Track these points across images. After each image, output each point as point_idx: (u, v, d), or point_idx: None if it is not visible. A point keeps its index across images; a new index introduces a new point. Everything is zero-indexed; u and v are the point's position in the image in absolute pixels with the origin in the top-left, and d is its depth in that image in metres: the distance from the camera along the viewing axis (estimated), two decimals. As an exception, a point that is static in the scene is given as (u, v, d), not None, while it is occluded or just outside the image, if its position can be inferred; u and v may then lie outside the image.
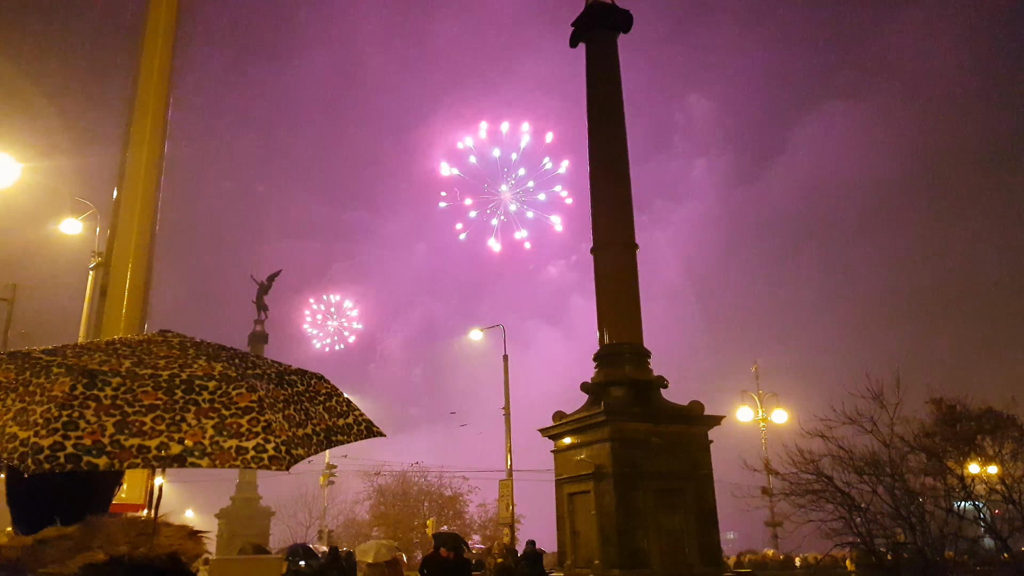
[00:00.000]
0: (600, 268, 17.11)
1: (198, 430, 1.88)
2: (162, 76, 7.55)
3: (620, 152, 17.94)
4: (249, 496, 46.61)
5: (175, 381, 1.99)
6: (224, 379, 2.04)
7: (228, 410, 1.96)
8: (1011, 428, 14.34)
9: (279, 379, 2.26)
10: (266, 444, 1.92)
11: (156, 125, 7.53)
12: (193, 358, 2.16)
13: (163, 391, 1.95)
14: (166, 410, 1.90)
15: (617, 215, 17.32)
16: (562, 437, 15.93)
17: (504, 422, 30.55)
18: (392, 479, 46.22)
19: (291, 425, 2.09)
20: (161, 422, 1.86)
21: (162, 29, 7.67)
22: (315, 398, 2.33)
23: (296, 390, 2.28)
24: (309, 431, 2.18)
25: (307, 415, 2.23)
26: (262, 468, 1.94)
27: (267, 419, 1.97)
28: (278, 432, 1.97)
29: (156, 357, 2.12)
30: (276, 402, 2.11)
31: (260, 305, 49.41)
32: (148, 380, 1.97)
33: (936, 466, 13.78)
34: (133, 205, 7.49)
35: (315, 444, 2.17)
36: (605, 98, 18.32)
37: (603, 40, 18.62)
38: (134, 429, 1.82)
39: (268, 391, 2.12)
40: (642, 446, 14.41)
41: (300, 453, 2.02)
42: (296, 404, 2.22)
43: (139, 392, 1.92)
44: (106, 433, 1.79)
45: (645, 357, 16.16)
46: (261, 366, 2.31)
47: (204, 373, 2.05)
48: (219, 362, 2.16)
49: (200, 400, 1.96)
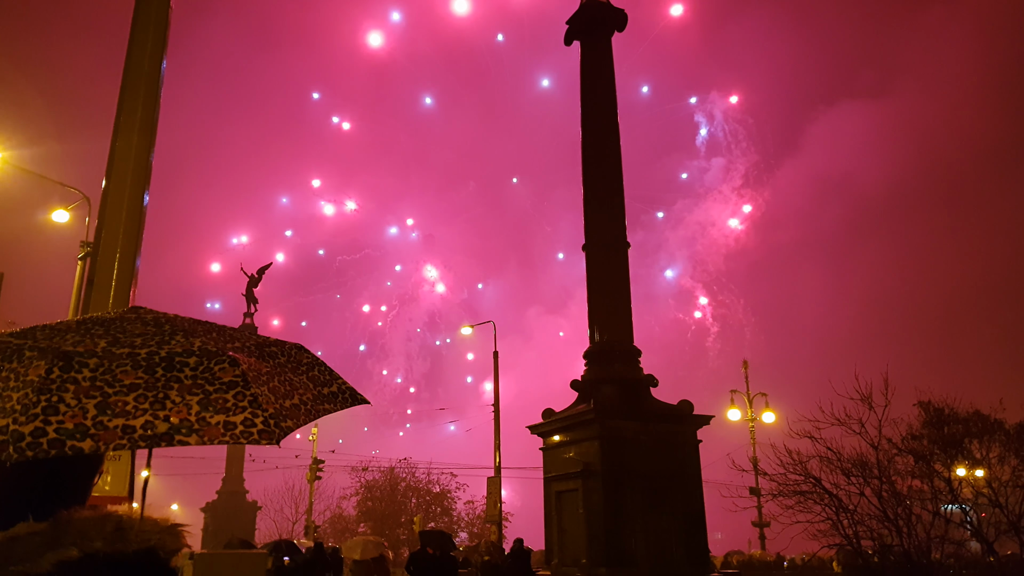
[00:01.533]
0: (592, 266, 17.09)
1: (183, 407, 1.82)
2: (153, 63, 7.46)
3: (613, 150, 17.92)
4: (235, 490, 46.42)
5: (154, 359, 1.93)
6: (205, 354, 1.99)
7: (212, 386, 1.90)
8: (998, 432, 14.41)
9: (259, 351, 2.21)
10: (254, 418, 1.87)
11: (146, 113, 7.43)
12: (170, 334, 2.10)
13: (143, 369, 1.89)
14: (148, 388, 1.84)
15: (609, 213, 17.30)
16: (551, 435, 15.91)
17: (494, 418, 30.55)
18: (379, 475, 46.20)
19: (277, 397, 2.05)
20: (144, 401, 1.80)
21: (154, 15, 7.57)
22: (298, 368, 2.28)
23: (278, 361, 2.23)
24: (296, 401, 2.13)
25: (292, 385, 2.18)
26: (252, 443, 1.87)
27: (253, 392, 1.92)
28: (265, 405, 1.92)
29: (132, 335, 2.06)
30: (260, 375, 2.06)
31: (250, 298, 49.15)
32: (126, 359, 1.91)
33: (923, 469, 13.83)
34: (121, 195, 7.39)
35: (303, 414, 2.13)
36: (599, 96, 18.31)
37: (598, 39, 18.60)
38: (117, 409, 1.77)
39: (250, 364, 2.07)
40: (631, 445, 14.40)
41: (289, 425, 1.97)
42: (280, 376, 2.17)
43: (118, 372, 1.86)
44: (88, 415, 1.73)
45: (635, 356, 16.16)
46: (240, 339, 2.25)
47: (183, 349, 1.99)
48: (197, 337, 2.10)
49: (182, 377, 1.90)
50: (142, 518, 1.86)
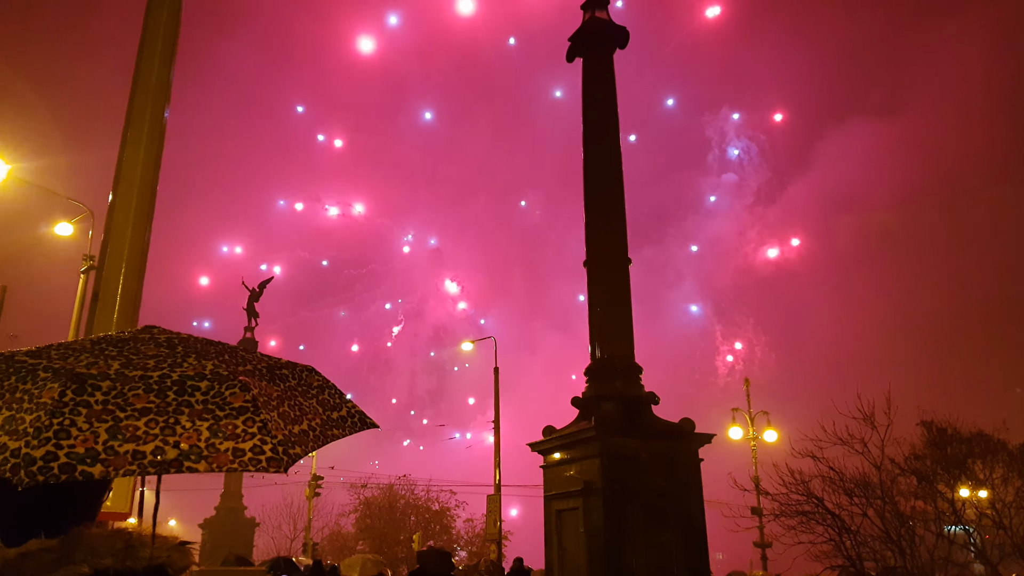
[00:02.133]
0: (593, 282, 17.09)
1: (193, 433, 1.83)
2: (161, 75, 7.50)
3: (614, 164, 17.98)
4: (234, 506, 46.14)
5: (166, 382, 1.94)
6: (216, 378, 2.00)
7: (222, 411, 1.91)
8: (1001, 452, 14.36)
9: (271, 374, 2.22)
10: (263, 445, 1.88)
11: (154, 125, 7.46)
12: (183, 356, 2.11)
13: (155, 393, 1.90)
14: (159, 413, 1.85)
15: (611, 228, 17.34)
16: (551, 452, 15.84)
17: (494, 435, 30.43)
18: (379, 492, 45.99)
19: (286, 423, 2.05)
20: (155, 426, 1.81)
21: (163, 28, 7.62)
22: (308, 392, 2.29)
23: (288, 384, 2.24)
24: (305, 427, 2.13)
25: (301, 410, 2.18)
26: (260, 470, 1.87)
27: (263, 419, 1.93)
28: (274, 432, 1.93)
29: (145, 357, 2.07)
30: (270, 400, 2.06)
31: (251, 312, 49.11)
32: (139, 382, 1.92)
33: (927, 489, 13.77)
34: (128, 208, 7.41)
35: (312, 440, 2.13)
36: (600, 112, 18.41)
37: (599, 55, 18.73)
38: (127, 434, 1.77)
39: (261, 389, 2.07)
40: (632, 463, 14.32)
41: (297, 452, 1.98)
42: (290, 400, 2.17)
43: (130, 395, 1.87)
44: (99, 440, 1.74)
45: (637, 372, 16.11)
46: (252, 361, 2.26)
47: (195, 372, 2.01)
48: (209, 359, 2.11)
49: (193, 401, 1.91)
50: (153, 535, 1.86)
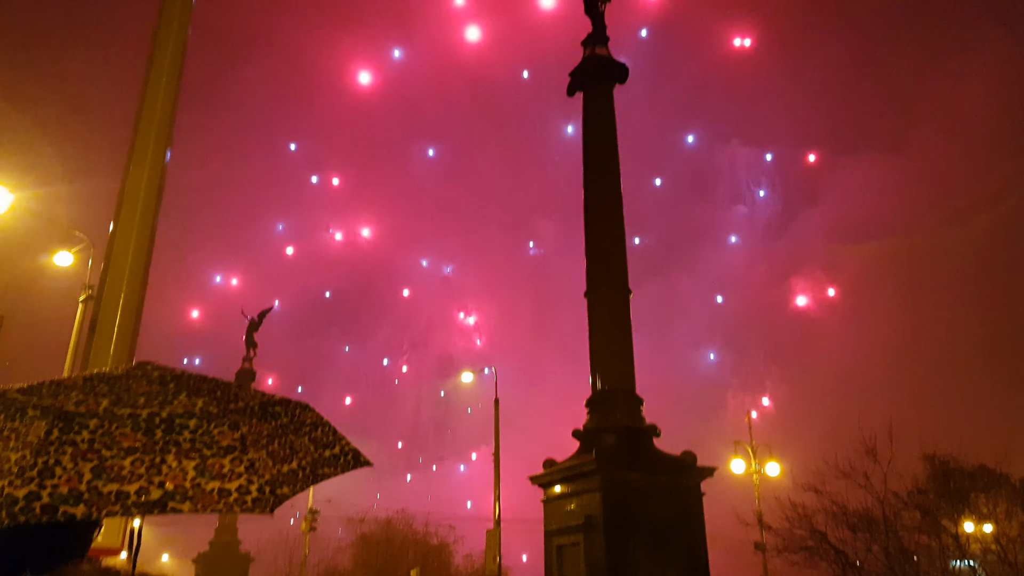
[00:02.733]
0: (593, 312, 17.09)
1: (179, 472, 1.81)
2: (165, 107, 7.56)
3: (614, 197, 18.12)
4: (228, 540, 45.51)
5: (155, 420, 1.93)
6: (205, 416, 1.98)
7: (210, 450, 1.89)
8: (1004, 486, 14.21)
9: (262, 411, 2.19)
10: (249, 485, 1.86)
11: (156, 157, 7.51)
12: (174, 393, 2.10)
13: (142, 432, 1.89)
14: (145, 452, 1.83)
15: (610, 259, 17.39)
16: (552, 485, 15.68)
17: (494, 468, 30.13)
18: (376, 526, 45.37)
19: (275, 462, 2.03)
20: (140, 465, 1.80)
21: (168, 63, 7.70)
22: (300, 429, 2.26)
23: (280, 422, 2.22)
24: (295, 466, 2.11)
25: (292, 449, 2.16)
26: (245, 511, 1.87)
27: (250, 458, 1.91)
28: (262, 471, 1.91)
29: (135, 394, 2.06)
30: (260, 438, 2.04)
31: (250, 342, 48.94)
32: (127, 420, 1.91)
33: (930, 524, 13.59)
34: (128, 238, 7.42)
35: (301, 480, 2.11)
36: (600, 145, 18.59)
37: (599, 91, 18.99)
38: (112, 474, 1.76)
39: (251, 427, 2.05)
40: (634, 496, 14.18)
41: (285, 492, 1.96)
42: (281, 438, 2.15)
43: (117, 434, 1.86)
44: (83, 479, 1.73)
45: (637, 404, 16.03)
46: (244, 398, 2.24)
47: (185, 410, 1.99)
48: (200, 397, 2.10)
49: (181, 440, 1.90)
50: (140, 574, 1.83)
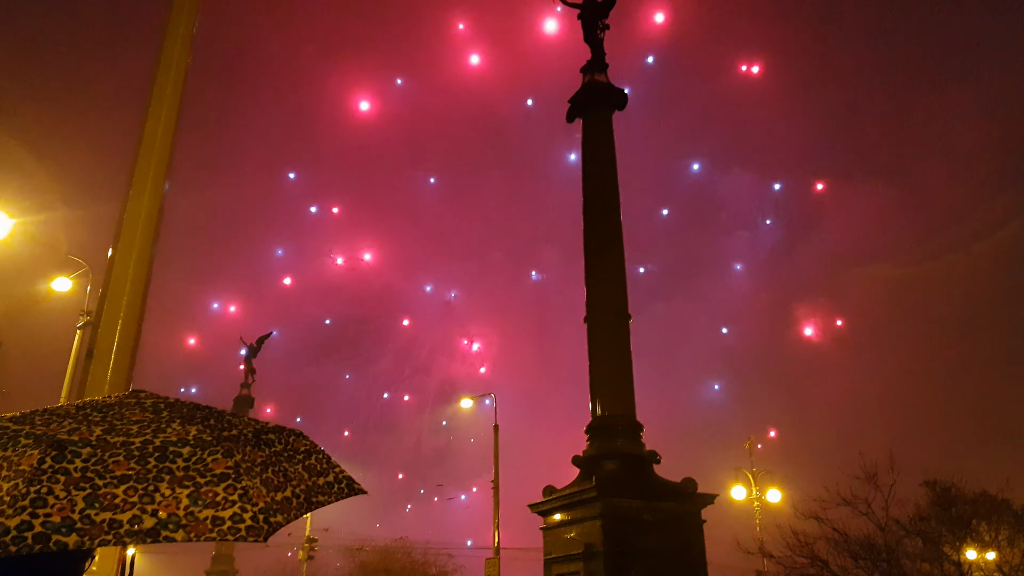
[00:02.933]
0: (593, 338, 17.07)
1: (172, 500, 1.81)
2: (165, 134, 7.62)
3: (613, 223, 18.19)
4: (225, 569, 44.96)
5: (148, 448, 1.93)
6: (199, 444, 1.99)
7: (203, 478, 1.90)
8: (1006, 513, 14.10)
9: (256, 439, 2.20)
10: (243, 513, 1.86)
11: (157, 181, 7.55)
12: (167, 421, 2.11)
13: (135, 460, 1.89)
14: (139, 480, 1.83)
15: (610, 285, 17.41)
16: (552, 513, 15.55)
17: (493, 495, 29.89)
18: (375, 555, 44.89)
19: (269, 490, 2.03)
20: (134, 493, 1.80)
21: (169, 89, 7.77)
22: (294, 457, 2.27)
23: (274, 450, 2.22)
24: (288, 494, 2.11)
25: (286, 476, 2.16)
26: (239, 539, 1.85)
27: (244, 486, 1.92)
28: (256, 499, 1.91)
29: (128, 422, 2.06)
30: (253, 466, 2.05)
31: (248, 368, 48.81)
32: (120, 449, 1.91)
33: (932, 552, 13.46)
34: (127, 263, 7.45)
35: (295, 508, 2.10)
36: (599, 171, 18.71)
37: (599, 117, 19.15)
38: (105, 502, 1.75)
39: (245, 454, 2.06)
40: (634, 524, 14.05)
41: (279, 520, 1.96)
42: (275, 466, 2.15)
43: (110, 462, 1.86)
44: (76, 508, 1.72)
45: (638, 430, 15.95)
46: (238, 426, 2.25)
47: (178, 438, 1.99)
48: (194, 424, 2.11)
49: (174, 468, 1.90)
50: None
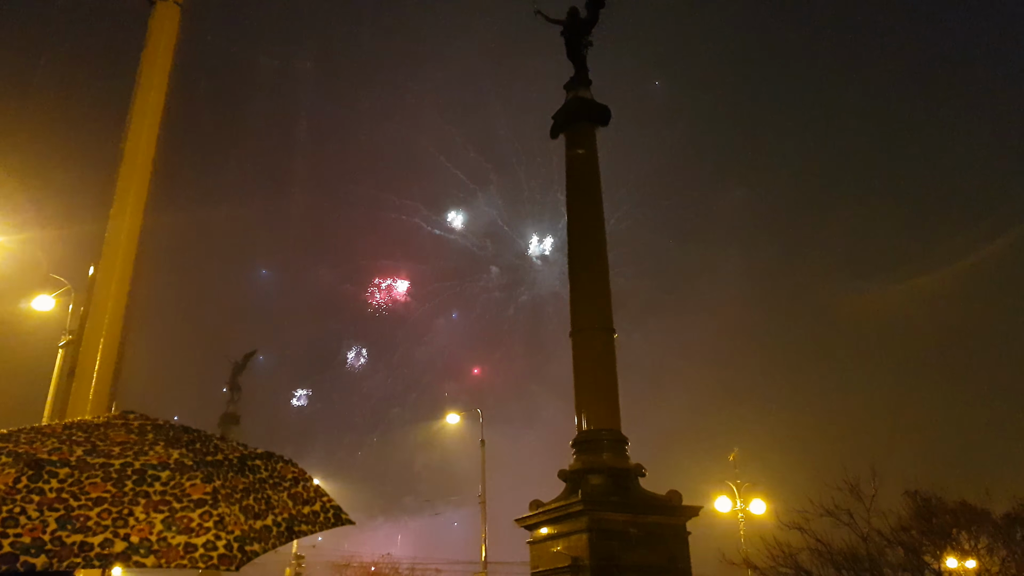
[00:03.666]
0: (578, 353, 17.12)
1: (145, 525, 1.79)
2: (147, 148, 7.63)
3: (598, 239, 18.30)
4: (211, 587, 44.48)
5: (127, 471, 1.91)
6: (179, 468, 1.96)
7: (180, 503, 1.87)
8: (986, 522, 14.28)
9: (241, 465, 2.19)
10: (217, 541, 1.83)
11: (138, 200, 7.54)
12: (151, 443, 2.09)
13: (113, 482, 1.87)
14: (114, 503, 1.82)
15: (595, 300, 17.49)
16: (538, 527, 15.54)
17: (481, 510, 29.78)
18: (362, 572, 44.51)
19: (248, 517, 2.01)
20: (107, 516, 1.78)
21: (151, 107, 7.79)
22: (279, 484, 2.25)
23: (258, 476, 2.20)
24: (269, 522, 2.09)
25: (268, 504, 2.14)
26: (210, 567, 1.84)
27: (220, 512, 1.88)
28: (231, 527, 1.88)
29: (111, 443, 2.05)
30: (234, 492, 2.03)
31: (233, 385, 48.49)
32: (98, 470, 1.90)
33: (914, 561, 13.59)
34: (109, 281, 7.43)
35: (274, 537, 2.09)
36: (584, 187, 18.83)
37: (582, 133, 19.28)
38: (77, 524, 1.73)
39: (226, 480, 2.04)
40: (620, 537, 14.08)
41: (255, 549, 1.93)
42: (257, 492, 2.13)
43: (87, 484, 1.85)
44: (48, 529, 1.71)
45: (623, 444, 16.00)
46: (224, 450, 2.23)
47: (159, 461, 1.97)
48: (177, 448, 2.09)
49: (151, 492, 1.88)
50: None
